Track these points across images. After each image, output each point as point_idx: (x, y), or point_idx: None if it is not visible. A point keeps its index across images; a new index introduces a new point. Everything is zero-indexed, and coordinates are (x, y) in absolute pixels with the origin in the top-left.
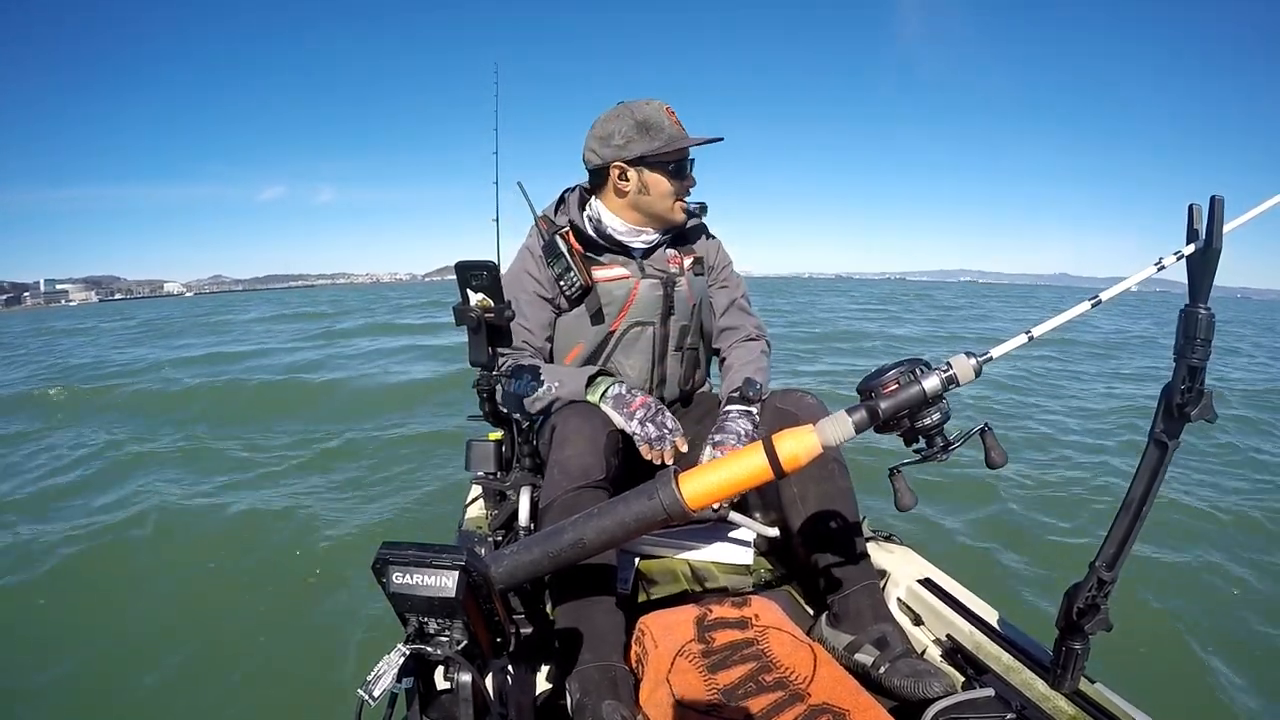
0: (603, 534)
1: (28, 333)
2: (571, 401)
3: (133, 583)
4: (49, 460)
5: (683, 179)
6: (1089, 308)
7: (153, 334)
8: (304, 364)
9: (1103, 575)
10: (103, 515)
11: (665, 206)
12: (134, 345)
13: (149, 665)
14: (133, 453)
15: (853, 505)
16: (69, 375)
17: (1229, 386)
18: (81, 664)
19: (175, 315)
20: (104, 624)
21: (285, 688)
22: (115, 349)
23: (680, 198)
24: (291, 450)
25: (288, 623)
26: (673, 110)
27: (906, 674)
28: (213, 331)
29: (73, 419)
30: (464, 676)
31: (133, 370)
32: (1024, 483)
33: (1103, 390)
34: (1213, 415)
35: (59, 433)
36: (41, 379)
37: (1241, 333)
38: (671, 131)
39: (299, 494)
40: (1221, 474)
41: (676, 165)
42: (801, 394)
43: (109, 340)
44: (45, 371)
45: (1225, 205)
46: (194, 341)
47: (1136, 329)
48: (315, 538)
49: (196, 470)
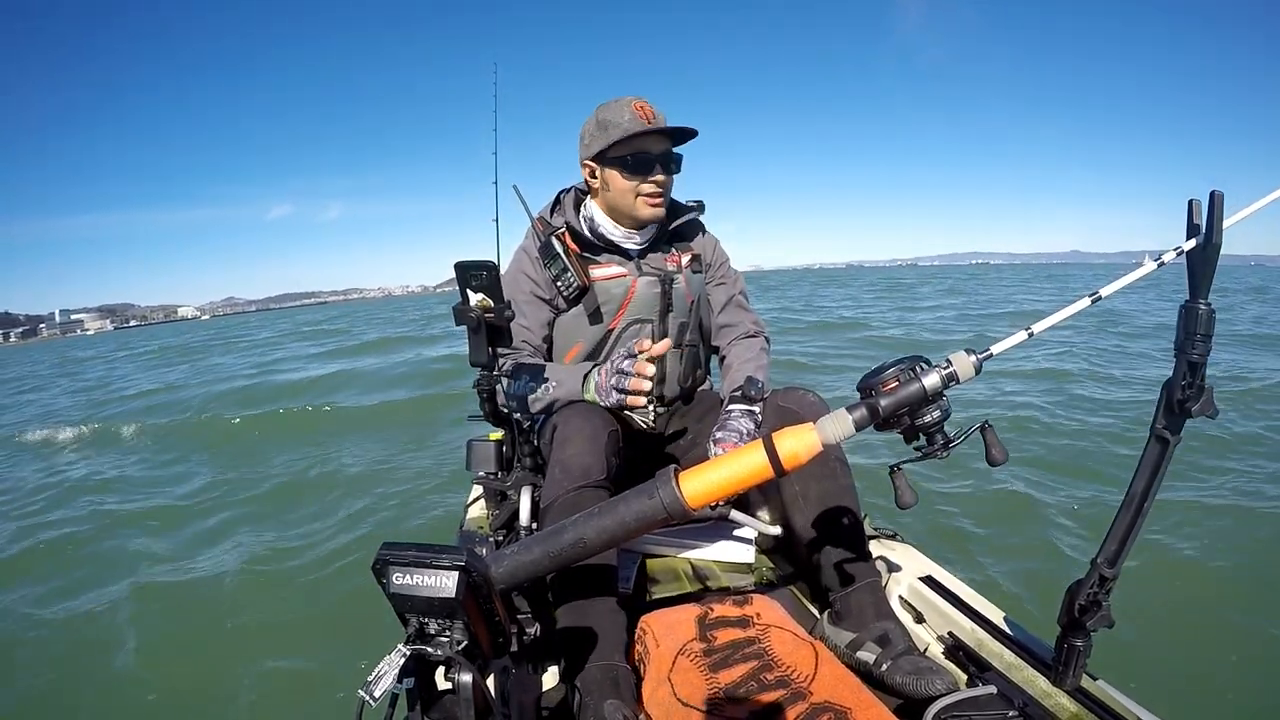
0: (603, 533)
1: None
2: (572, 401)
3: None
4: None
5: (641, 174)
6: (1088, 303)
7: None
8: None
9: (1104, 572)
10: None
11: (627, 204)
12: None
13: (150, 665)
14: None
15: (854, 502)
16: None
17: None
18: (81, 662)
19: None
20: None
21: (286, 687)
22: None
23: (645, 195)
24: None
25: (288, 622)
26: (645, 105)
27: (909, 671)
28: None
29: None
30: (465, 677)
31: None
32: (1026, 481)
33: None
34: (1214, 411)
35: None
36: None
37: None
38: (626, 125)
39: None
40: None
41: (633, 160)
42: (804, 392)
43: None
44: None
45: (1225, 200)
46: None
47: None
48: (314, 537)
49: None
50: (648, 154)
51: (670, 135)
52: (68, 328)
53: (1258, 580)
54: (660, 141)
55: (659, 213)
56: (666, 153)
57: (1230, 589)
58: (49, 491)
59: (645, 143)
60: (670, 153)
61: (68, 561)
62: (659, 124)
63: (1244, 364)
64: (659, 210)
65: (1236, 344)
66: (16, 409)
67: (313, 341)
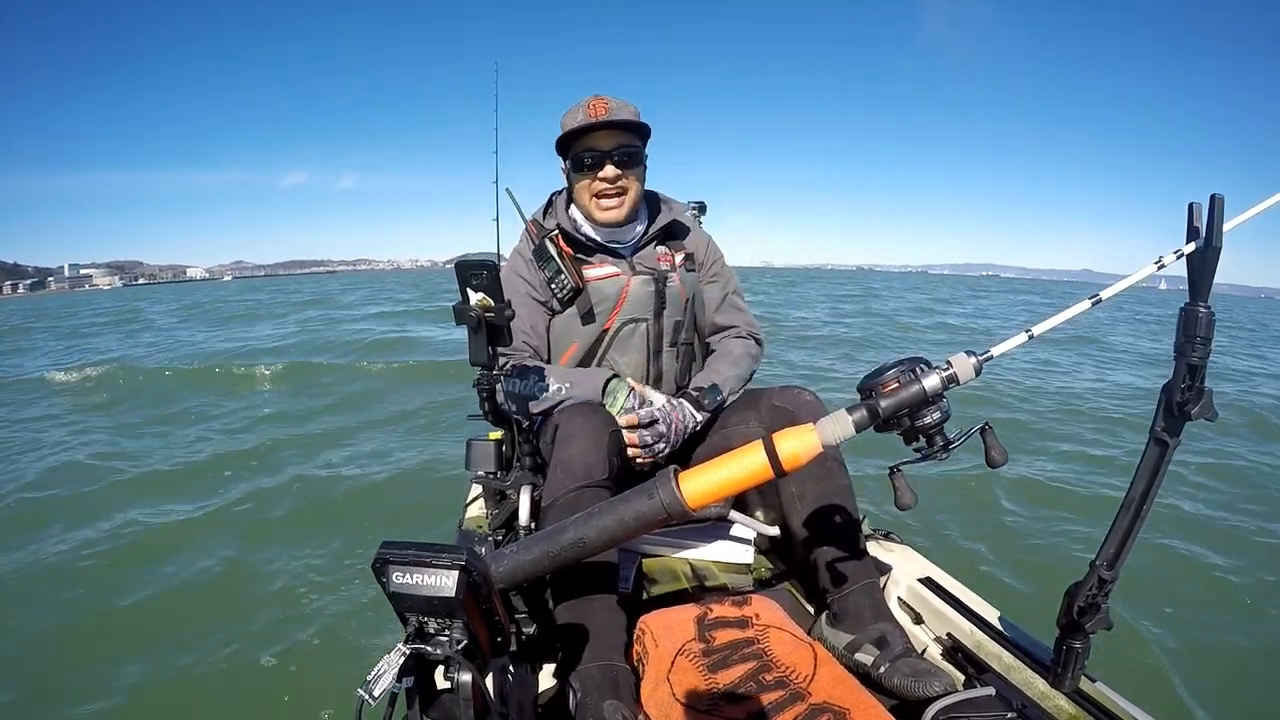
0: (603, 533)
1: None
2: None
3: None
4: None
5: (591, 171)
6: (1089, 306)
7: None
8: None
9: (1103, 574)
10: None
11: (584, 204)
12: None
13: (147, 664)
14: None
15: (852, 503)
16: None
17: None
18: (83, 659)
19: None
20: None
21: (286, 688)
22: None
23: (597, 194)
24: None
25: (288, 622)
26: (600, 102)
27: (906, 673)
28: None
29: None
30: (464, 676)
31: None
32: (1025, 480)
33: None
34: (1213, 414)
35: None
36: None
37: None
38: (568, 121)
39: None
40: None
41: (575, 159)
42: (799, 390)
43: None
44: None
45: (1225, 204)
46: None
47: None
48: (318, 536)
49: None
50: (597, 150)
51: (623, 128)
52: (76, 282)
53: (1259, 580)
54: (611, 137)
55: (615, 215)
56: (619, 147)
57: (1231, 588)
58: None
59: (594, 139)
60: (626, 147)
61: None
62: (606, 118)
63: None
64: (614, 213)
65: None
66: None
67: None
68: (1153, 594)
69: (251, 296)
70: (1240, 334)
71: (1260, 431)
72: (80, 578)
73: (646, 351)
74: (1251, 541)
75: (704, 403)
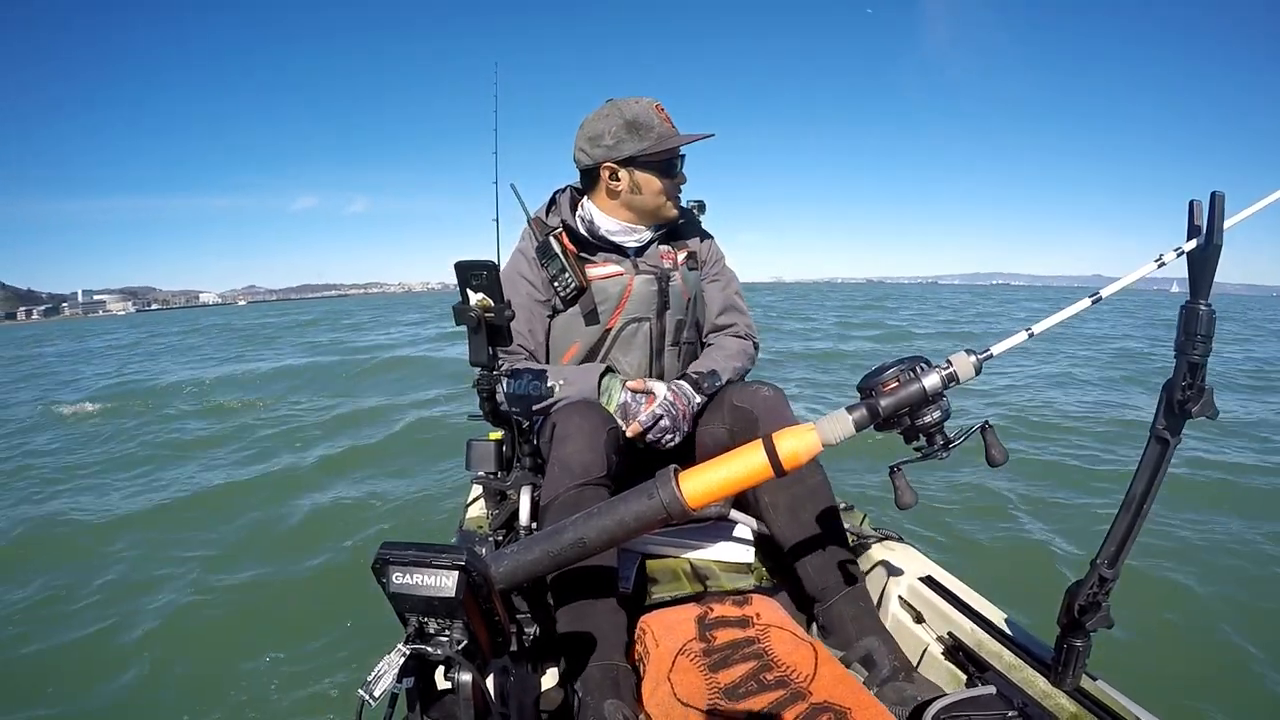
0: (603, 533)
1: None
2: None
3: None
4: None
5: (673, 177)
6: (1089, 304)
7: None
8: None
9: (1104, 573)
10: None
11: (658, 204)
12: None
13: (148, 664)
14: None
15: (829, 501)
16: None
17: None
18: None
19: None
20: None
21: (285, 686)
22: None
23: (672, 195)
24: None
25: (288, 622)
26: (662, 107)
27: (894, 701)
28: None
29: None
30: (464, 676)
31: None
32: (1026, 479)
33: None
34: (1214, 412)
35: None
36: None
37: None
38: (661, 130)
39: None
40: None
41: (667, 164)
42: (758, 386)
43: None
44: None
45: (1226, 201)
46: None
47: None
48: (318, 536)
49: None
50: (678, 157)
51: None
52: (90, 308)
53: (1259, 580)
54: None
55: (677, 211)
56: (682, 154)
57: (1230, 589)
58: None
59: (676, 146)
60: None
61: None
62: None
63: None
64: (677, 210)
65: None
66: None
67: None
68: (1153, 593)
69: (304, 316)
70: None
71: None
72: (80, 577)
73: (649, 350)
74: (1252, 541)
75: (703, 385)
